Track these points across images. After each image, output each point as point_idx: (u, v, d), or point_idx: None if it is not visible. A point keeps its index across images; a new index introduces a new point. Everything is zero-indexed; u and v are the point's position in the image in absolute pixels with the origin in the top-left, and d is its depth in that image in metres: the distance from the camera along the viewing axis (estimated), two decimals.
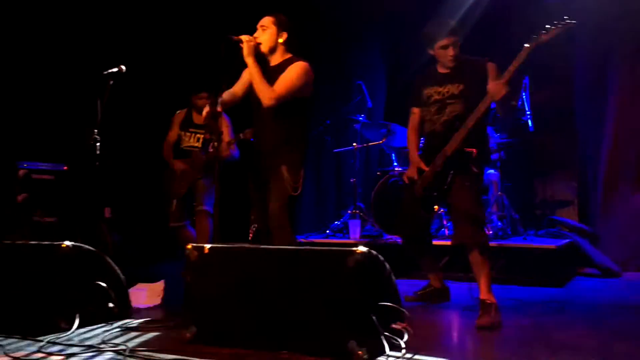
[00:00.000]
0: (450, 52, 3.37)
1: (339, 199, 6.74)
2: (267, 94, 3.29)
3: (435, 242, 4.22)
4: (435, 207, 3.47)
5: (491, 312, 3.05)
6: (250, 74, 3.34)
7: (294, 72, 3.35)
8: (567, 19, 3.05)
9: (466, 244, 3.25)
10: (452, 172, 3.29)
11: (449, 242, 3.94)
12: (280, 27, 3.45)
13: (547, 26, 3.08)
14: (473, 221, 3.25)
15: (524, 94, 5.15)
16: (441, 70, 3.50)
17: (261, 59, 3.44)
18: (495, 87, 3.14)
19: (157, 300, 3.59)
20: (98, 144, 4.32)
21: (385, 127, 5.62)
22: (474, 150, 3.29)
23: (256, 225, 5.26)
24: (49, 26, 5.93)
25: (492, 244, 4.55)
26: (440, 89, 3.46)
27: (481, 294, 3.18)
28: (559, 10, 3.11)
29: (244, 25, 3.55)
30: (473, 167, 3.32)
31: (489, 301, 3.11)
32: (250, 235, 5.33)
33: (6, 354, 2.45)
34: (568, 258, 4.73)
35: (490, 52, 3.49)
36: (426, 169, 3.42)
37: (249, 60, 3.31)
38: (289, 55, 3.48)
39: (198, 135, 5.03)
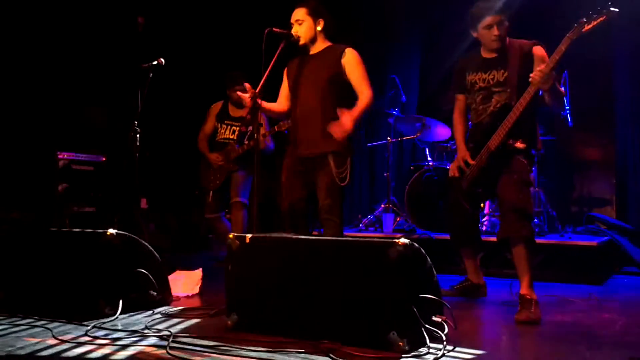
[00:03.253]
0: (495, 31, 3.24)
1: (372, 193, 6.75)
2: (367, 102, 3.36)
3: None
4: (482, 204, 3.41)
5: (531, 308, 3.02)
6: (353, 117, 3.29)
7: (359, 64, 3.42)
8: (609, 7, 2.87)
9: (511, 237, 3.19)
10: (496, 168, 3.23)
11: (486, 239, 3.92)
12: (316, 15, 3.46)
13: (590, 13, 2.91)
14: (519, 214, 3.17)
15: (563, 88, 5.07)
16: (485, 54, 3.38)
17: (303, 49, 3.46)
18: (539, 75, 2.97)
19: (196, 290, 3.64)
20: (138, 135, 4.39)
21: (419, 122, 5.59)
22: (520, 142, 3.21)
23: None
24: (92, 19, 6.05)
25: None
26: (485, 76, 3.34)
27: (522, 289, 3.14)
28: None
29: (284, 18, 3.57)
30: (521, 159, 3.23)
31: (529, 296, 3.07)
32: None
33: (55, 337, 2.52)
34: (607, 255, 4.65)
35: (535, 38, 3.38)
36: (473, 162, 3.35)
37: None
38: (329, 43, 3.49)
39: (234, 127, 5.07)
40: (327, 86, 3.37)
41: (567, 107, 5.14)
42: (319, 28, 3.46)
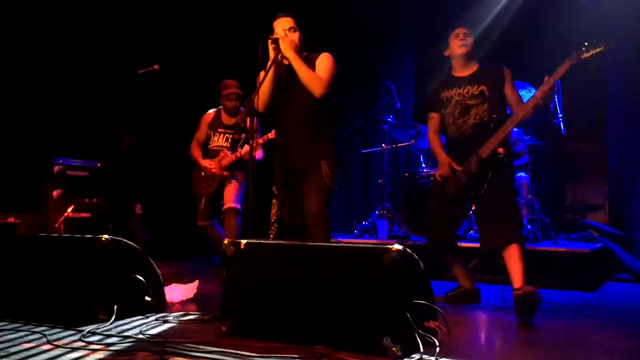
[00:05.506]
0: (461, 36, 3.50)
1: (367, 200, 6.76)
2: (317, 83, 3.33)
3: (464, 244, 4.23)
4: (473, 206, 3.47)
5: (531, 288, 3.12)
6: (295, 67, 3.33)
7: (328, 62, 3.43)
8: (609, 38, 3.11)
9: (502, 243, 3.26)
10: (489, 174, 3.31)
11: (478, 245, 3.94)
12: (300, 26, 3.50)
13: (586, 44, 3.11)
14: (512, 221, 3.28)
15: (556, 96, 5.11)
16: (457, 74, 3.60)
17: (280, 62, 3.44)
18: (541, 94, 3.19)
19: (190, 295, 3.65)
20: (132, 141, 4.41)
21: (414, 129, 5.62)
22: (501, 149, 3.33)
23: (276, 225, 5.34)
24: (86, 25, 6.06)
25: None
26: (459, 91, 3.53)
27: (518, 284, 3.20)
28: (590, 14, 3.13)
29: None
30: (506, 170, 3.38)
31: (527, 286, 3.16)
32: (272, 234, 5.39)
33: (49, 342, 2.52)
34: (600, 262, 4.68)
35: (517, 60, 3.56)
36: (459, 168, 3.44)
37: (290, 54, 3.33)
38: (306, 53, 3.51)
39: (227, 135, 5.08)
40: (310, 94, 3.38)
41: (560, 115, 5.17)
42: (302, 39, 3.49)
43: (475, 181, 3.35)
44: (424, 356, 2.32)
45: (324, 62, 3.42)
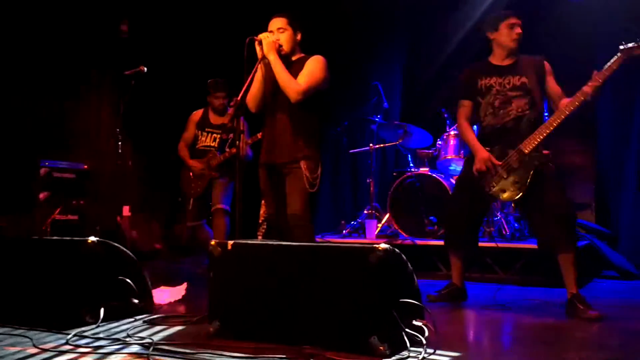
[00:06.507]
0: (518, 30, 3.40)
1: (355, 200, 6.78)
2: (294, 88, 3.31)
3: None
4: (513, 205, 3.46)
5: (592, 305, 3.16)
6: (274, 70, 3.34)
7: (315, 66, 3.39)
8: None
9: (560, 251, 3.27)
10: (532, 171, 3.27)
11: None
12: (295, 26, 3.47)
13: (639, 39, 3.10)
14: (569, 225, 3.26)
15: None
16: (497, 62, 3.51)
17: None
18: (591, 89, 3.15)
19: (178, 297, 3.64)
20: (120, 143, 4.39)
21: (401, 128, 5.64)
22: (545, 150, 3.31)
23: (265, 224, 5.33)
24: (73, 27, 6.02)
25: (510, 245, 4.60)
26: (500, 80, 3.44)
27: (573, 289, 3.26)
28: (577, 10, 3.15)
29: (265, 26, 3.58)
30: (552, 165, 3.33)
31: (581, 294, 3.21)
32: (260, 234, 5.39)
33: (35, 346, 2.50)
34: (586, 260, 4.71)
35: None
36: (499, 163, 3.37)
37: (272, 56, 3.33)
38: (302, 55, 3.50)
39: (215, 135, 5.07)
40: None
41: (546, 114, 5.20)
42: (298, 39, 3.48)
43: (518, 178, 3.29)
44: (411, 354, 2.33)
45: (310, 66, 3.39)
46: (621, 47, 3.16)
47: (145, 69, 4.55)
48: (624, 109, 5.38)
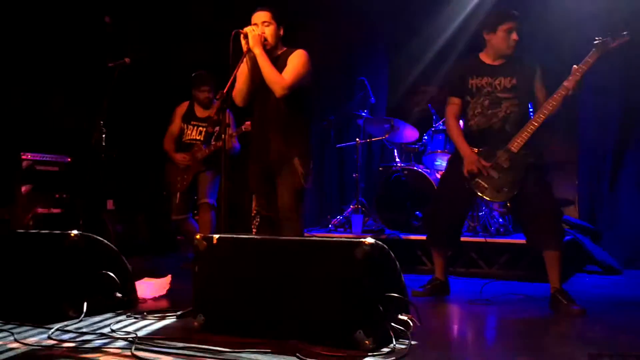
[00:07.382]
0: (514, 36, 3.38)
1: (342, 194, 6.77)
2: (279, 84, 3.29)
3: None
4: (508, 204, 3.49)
5: (575, 300, 3.20)
6: (260, 64, 3.32)
7: (299, 60, 3.37)
8: (628, 31, 3.12)
9: (547, 248, 3.30)
10: (523, 170, 3.29)
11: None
12: (278, 20, 3.45)
13: (618, 32, 3.12)
14: (556, 220, 3.31)
15: None
16: (488, 61, 3.49)
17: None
18: (572, 84, 3.19)
19: (163, 291, 3.61)
20: (104, 135, 4.34)
21: (388, 123, 5.63)
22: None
23: (259, 218, 5.31)
24: (56, 19, 5.95)
25: (495, 240, 4.63)
26: (491, 80, 3.43)
27: (557, 284, 3.29)
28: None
29: (248, 19, 3.56)
30: (541, 164, 3.37)
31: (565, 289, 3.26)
32: (254, 228, 5.37)
33: (17, 341, 2.47)
34: (569, 255, 4.74)
35: None
36: (487, 164, 3.38)
37: (257, 50, 3.31)
38: (284, 48, 3.49)
39: (200, 128, 5.04)
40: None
41: (531, 110, 5.23)
42: (281, 33, 3.46)
43: (509, 177, 3.32)
44: (396, 348, 2.34)
45: (294, 60, 3.37)
46: (595, 41, 3.19)
47: (129, 60, 4.50)
48: (604, 106, 5.43)
